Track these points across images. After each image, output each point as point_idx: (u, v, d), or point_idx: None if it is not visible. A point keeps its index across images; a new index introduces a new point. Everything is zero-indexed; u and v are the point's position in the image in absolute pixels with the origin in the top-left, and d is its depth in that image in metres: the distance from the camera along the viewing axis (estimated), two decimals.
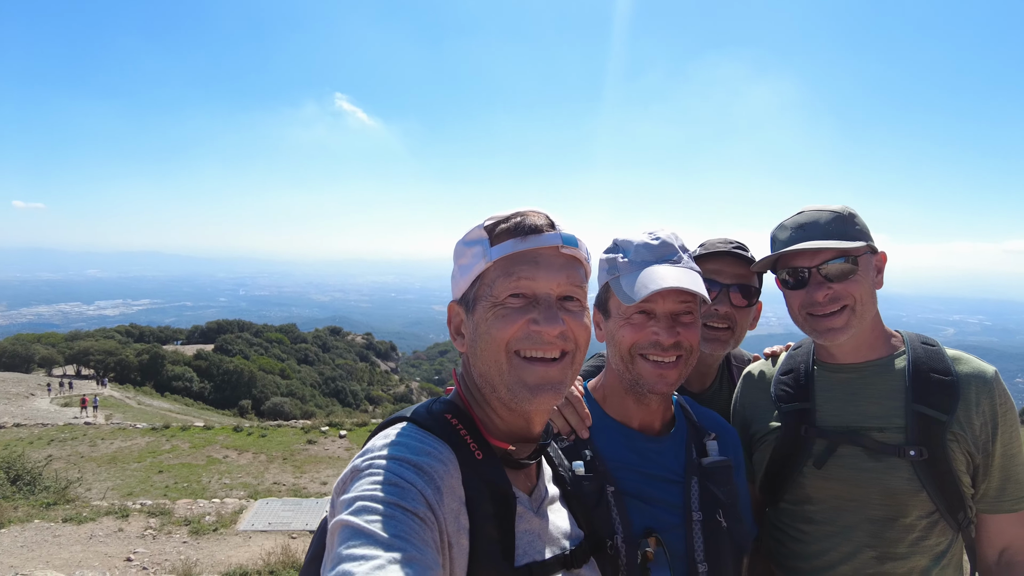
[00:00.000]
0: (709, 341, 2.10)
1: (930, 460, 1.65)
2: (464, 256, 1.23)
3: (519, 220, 1.19)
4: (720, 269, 2.09)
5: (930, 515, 1.68)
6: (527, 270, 1.15)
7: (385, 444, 1.09)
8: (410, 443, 1.10)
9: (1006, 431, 1.69)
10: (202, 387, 63.09)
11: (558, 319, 1.14)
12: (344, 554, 0.89)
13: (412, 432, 1.14)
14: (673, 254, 1.56)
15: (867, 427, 1.73)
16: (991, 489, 1.71)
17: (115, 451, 18.22)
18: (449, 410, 1.21)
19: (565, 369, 1.18)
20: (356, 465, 1.06)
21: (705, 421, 1.72)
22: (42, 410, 33.11)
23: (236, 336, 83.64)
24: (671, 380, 1.54)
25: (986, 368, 1.73)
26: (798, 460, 1.79)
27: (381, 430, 1.18)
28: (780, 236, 1.81)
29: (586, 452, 1.55)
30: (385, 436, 1.13)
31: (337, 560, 0.89)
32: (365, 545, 0.90)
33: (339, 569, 0.87)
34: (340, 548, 0.91)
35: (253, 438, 19.49)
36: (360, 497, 0.97)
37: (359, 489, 0.99)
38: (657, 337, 1.51)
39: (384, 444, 1.09)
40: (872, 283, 1.75)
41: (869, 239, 1.76)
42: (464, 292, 1.23)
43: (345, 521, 0.94)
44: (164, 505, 10.44)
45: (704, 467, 1.58)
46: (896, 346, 1.83)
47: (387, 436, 1.13)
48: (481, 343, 1.17)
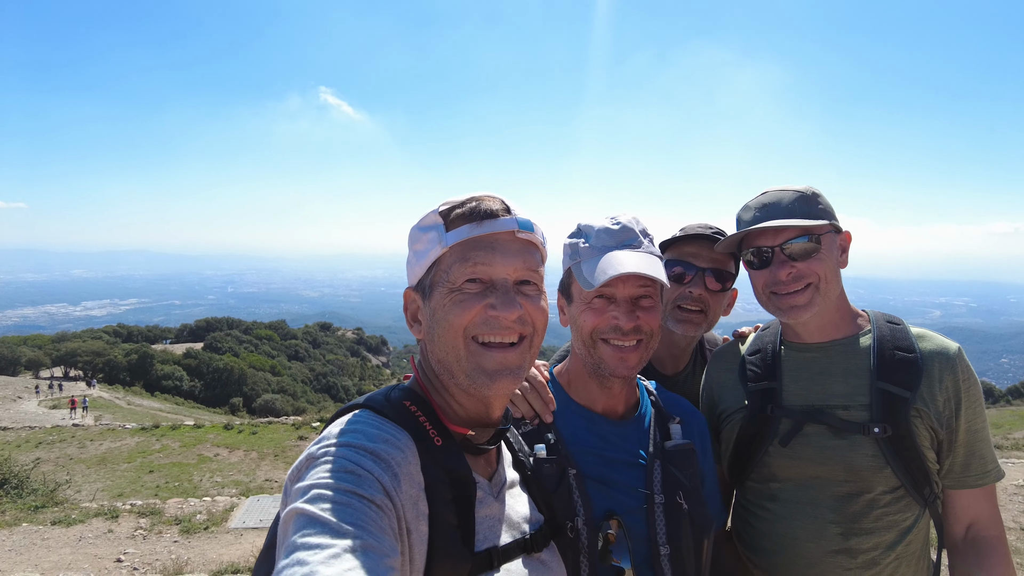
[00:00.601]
0: (682, 323, 2.11)
1: (894, 437, 1.68)
2: (419, 242, 1.22)
3: (474, 205, 1.18)
4: (697, 252, 2.10)
5: (895, 491, 1.70)
6: (483, 255, 1.15)
7: (342, 431, 1.07)
8: (367, 430, 1.08)
9: (969, 407, 1.71)
10: (192, 386, 62.80)
11: (515, 303, 1.15)
12: (299, 543, 0.87)
13: (369, 419, 1.12)
14: (633, 239, 1.57)
15: (832, 405, 1.76)
16: (956, 464, 1.73)
17: (104, 452, 18.09)
18: (407, 397, 1.20)
19: (523, 354, 1.18)
20: (311, 453, 1.03)
21: (671, 406, 1.74)
22: (30, 413, 32.79)
23: (225, 334, 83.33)
24: (631, 364, 1.55)
25: (949, 345, 1.75)
26: (764, 439, 1.81)
27: (338, 417, 1.16)
28: (744, 216, 1.83)
29: (548, 436, 1.56)
30: (341, 424, 1.11)
31: (291, 549, 0.87)
32: (320, 534, 0.88)
33: (293, 558, 0.85)
34: (295, 537, 0.88)
35: (244, 435, 19.42)
36: (315, 485, 0.95)
37: (314, 477, 0.97)
38: (617, 321, 1.53)
39: (340, 431, 1.07)
40: (836, 262, 1.76)
41: (833, 218, 1.77)
42: (420, 278, 1.22)
43: (300, 509, 0.91)
44: (154, 505, 10.36)
45: (667, 450, 1.60)
46: (862, 325, 1.85)
47: (343, 424, 1.11)
48: (439, 329, 1.17)
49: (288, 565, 0.84)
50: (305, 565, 0.83)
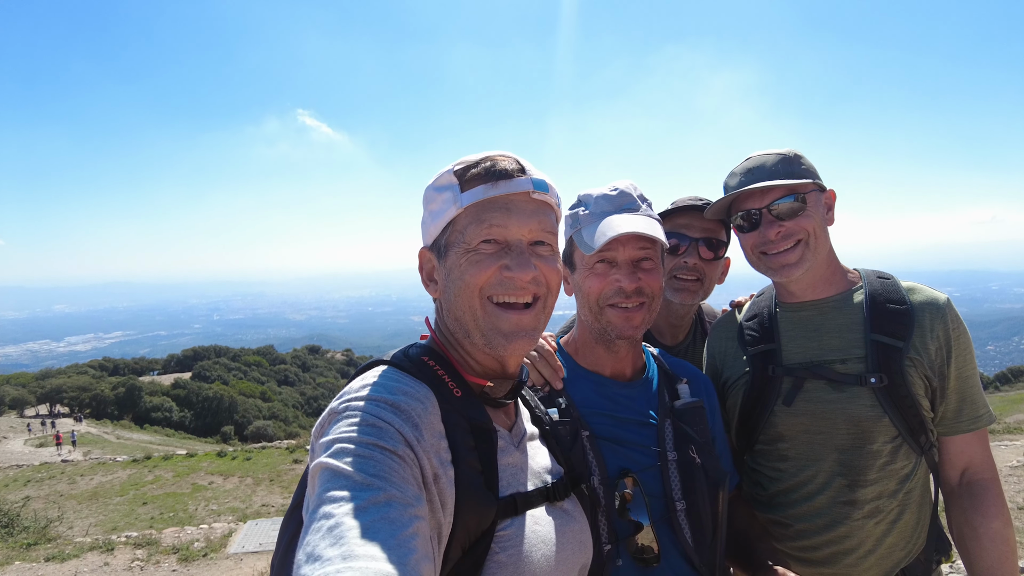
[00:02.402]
0: (679, 291, 2.20)
1: (890, 386, 1.74)
2: (434, 202, 1.22)
3: (489, 165, 1.18)
4: (689, 223, 2.19)
5: (894, 439, 1.76)
6: (499, 217, 1.16)
7: (363, 386, 1.09)
8: (387, 383, 1.10)
9: (960, 354, 1.77)
10: (182, 416, 61.90)
11: (530, 264, 1.16)
12: (325, 497, 0.89)
13: (390, 373, 1.15)
14: (631, 203, 1.62)
15: (829, 360, 1.81)
16: (948, 411, 1.79)
17: (96, 486, 17.74)
18: (425, 353, 1.22)
19: (538, 315, 1.20)
20: (334, 407, 1.05)
21: (677, 369, 1.78)
22: (16, 452, 32.17)
23: (213, 362, 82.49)
24: (636, 323, 1.60)
25: (938, 296, 1.81)
26: (768, 400, 1.87)
27: (359, 374, 1.17)
28: (730, 182, 1.88)
29: (560, 401, 1.59)
30: (362, 379, 1.13)
31: (318, 503, 0.89)
32: (345, 487, 0.90)
33: (321, 511, 0.87)
34: (320, 491, 0.91)
35: (238, 462, 19.14)
36: (338, 439, 0.97)
37: (337, 431, 0.99)
38: (620, 283, 1.57)
39: (361, 386, 1.09)
40: (823, 219, 1.82)
41: (816, 177, 1.82)
42: (435, 238, 1.23)
43: (324, 464, 0.94)
44: (150, 536, 10.14)
45: (676, 409, 1.64)
46: (853, 281, 1.90)
47: (364, 379, 1.13)
48: (455, 289, 1.18)
49: (315, 519, 0.87)
50: (331, 518, 0.85)
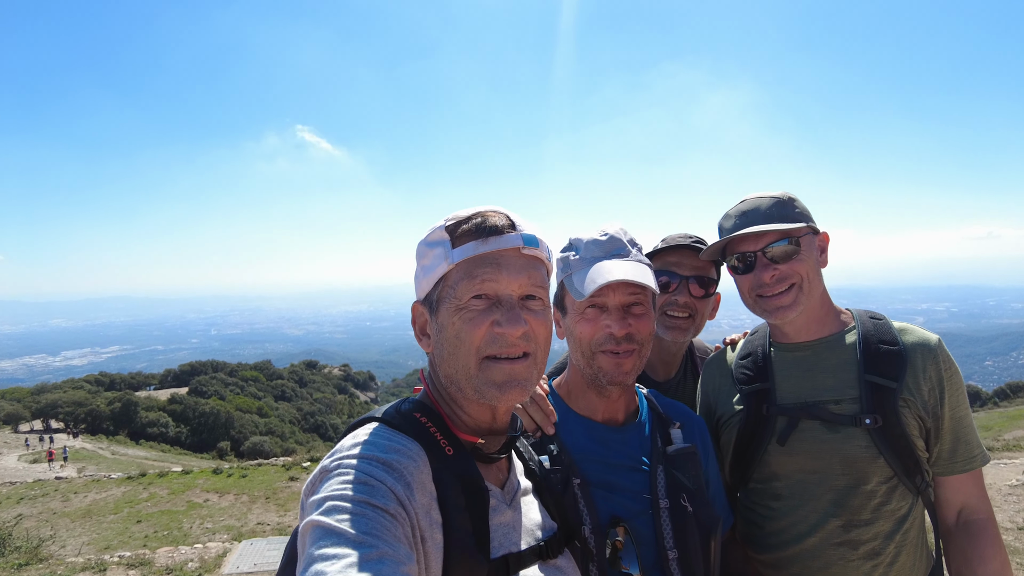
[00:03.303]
0: (670, 329, 2.21)
1: (884, 427, 1.75)
2: (426, 257, 1.23)
3: (480, 221, 1.19)
4: (679, 261, 2.20)
5: (889, 480, 1.76)
6: (489, 272, 1.17)
7: (354, 444, 1.09)
8: (379, 441, 1.10)
9: (952, 394, 1.79)
10: (178, 432, 61.44)
11: (520, 320, 1.16)
12: (316, 554, 0.89)
13: (381, 431, 1.14)
14: (621, 249, 1.63)
15: (824, 400, 1.82)
16: (943, 451, 1.80)
17: (90, 504, 17.56)
18: (417, 409, 1.22)
19: (530, 367, 1.20)
20: (325, 465, 1.05)
21: (670, 411, 1.77)
22: (9, 468, 31.88)
23: (210, 377, 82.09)
24: (627, 369, 1.59)
25: (930, 336, 1.83)
26: (762, 438, 1.87)
27: (351, 431, 1.17)
28: (725, 224, 1.90)
29: (551, 447, 1.59)
30: (354, 436, 1.13)
31: (309, 561, 0.88)
32: (336, 544, 0.89)
33: (312, 570, 0.87)
34: (312, 549, 0.90)
35: (234, 479, 18.97)
36: (330, 497, 0.97)
37: (328, 489, 0.99)
38: (610, 330, 1.57)
39: (353, 444, 1.09)
40: (816, 262, 1.84)
41: (810, 220, 1.85)
42: (427, 293, 1.23)
43: (316, 521, 0.93)
44: (144, 555, 10.03)
45: (669, 454, 1.63)
46: (846, 322, 1.93)
47: (356, 436, 1.13)
48: (449, 347, 1.19)
49: None
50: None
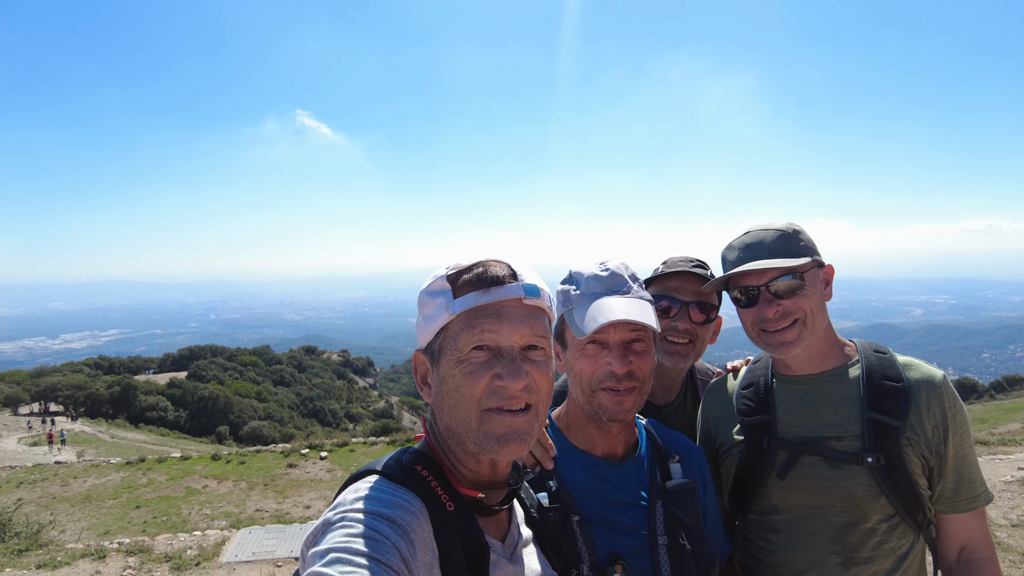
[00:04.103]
0: (670, 355, 2.17)
1: (887, 465, 1.71)
2: (427, 306, 1.22)
3: (481, 271, 1.18)
4: (680, 287, 2.17)
5: (890, 518, 1.74)
6: (490, 323, 1.15)
7: (356, 498, 1.08)
8: (381, 496, 1.09)
9: (957, 433, 1.75)
10: (177, 416, 61.70)
11: (522, 372, 1.15)
12: None
13: (382, 485, 1.13)
14: (622, 285, 1.62)
15: (825, 436, 1.79)
16: (946, 490, 1.77)
17: (89, 489, 17.67)
18: (418, 461, 1.21)
19: (531, 420, 1.18)
20: (328, 518, 1.03)
21: (670, 443, 1.76)
22: (9, 451, 32.04)
23: (209, 362, 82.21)
24: (628, 407, 1.58)
25: (935, 373, 1.79)
26: (762, 471, 1.85)
27: (351, 483, 1.17)
28: (729, 257, 1.87)
29: (550, 483, 1.58)
30: (355, 490, 1.12)
31: None
32: None
33: None
34: None
35: (232, 465, 19.07)
36: (333, 549, 0.95)
37: (331, 541, 0.97)
38: (611, 367, 1.56)
39: (355, 498, 1.08)
40: (821, 296, 1.81)
41: (814, 254, 1.81)
42: (429, 342, 1.23)
43: (319, 573, 0.92)
44: (143, 542, 10.11)
45: (668, 490, 1.62)
46: (850, 355, 1.88)
47: (357, 490, 1.12)
48: (449, 400, 1.18)
49: None
50: None
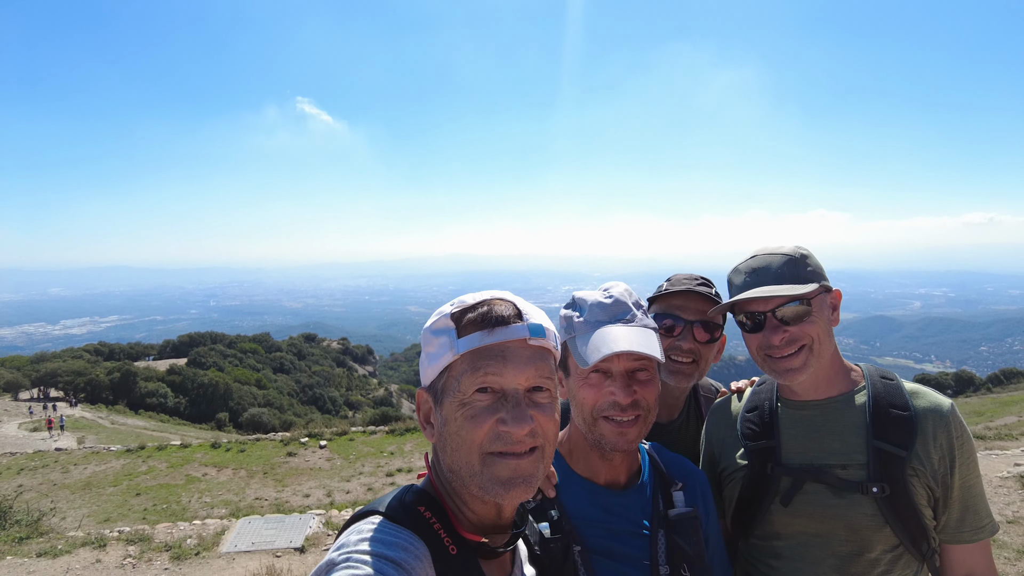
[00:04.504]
0: (674, 374, 2.14)
1: (892, 495, 1.69)
2: (431, 344, 1.20)
3: (485, 311, 1.16)
4: (684, 305, 2.15)
5: (894, 548, 1.72)
6: (494, 365, 1.13)
7: (360, 539, 1.07)
8: (384, 537, 1.08)
9: (963, 463, 1.73)
10: (177, 402, 61.91)
11: (526, 417, 1.12)
12: None
13: (385, 526, 1.12)
14: (626, 312, 1.60)
15: (830, 464, 1.77)
16: (951, 520, 1.74)
17: (89, 476, 17.76)
18: (422, 501, 1.19)
19: (536, 462, 1.16)
20: (332, 559, 1.03)
21: (672, 469, 1.74)
22: (10, 436, 32.15)
23: (209, 348, 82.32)
24: (631, 438, 1.56)
25: (943, 402, 1.76)
26: (765, 497, 1.83)
27: (353, 523, 1.15)
28: (735, 281, 1.84)
29: (552, 513, 1.56)
30: (359, 531, 1.10)
31: None
32: None
33: None
34: None
35: (232, 454, 19.16)
36: None
37: None
38: (614, 397, 1.54)
39: (359, 539, 1.07)
40: (828, 321, 1.78)
41: (822, 279, 1.78)
42: (432, 381, 1.21)
43: None
44: (143, 531, 10.17)
45: (670, 519, 1.60)
46: (856, 381, 1.86)
47: (360, 531, 1.10)
48: (452, 442, 1.16)
49: None
50: None
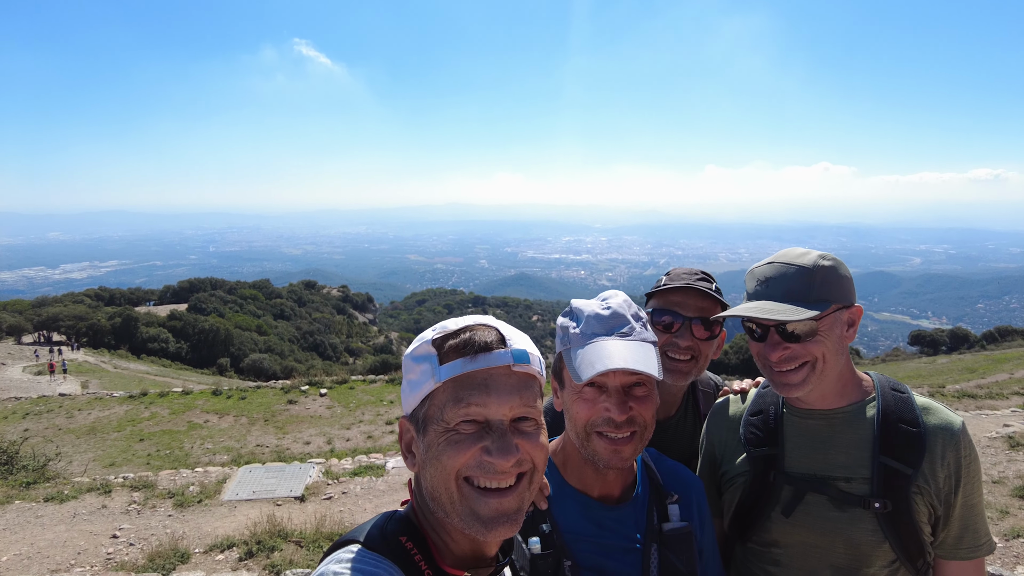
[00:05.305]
0: (671, 372, 2.09)
1: (894, 512, 1.66)
2: (413, 372, 1.16)
3: (468, 337, 1.11)
4: (683, 302, 2.10)
5: (891, 564, 1.71)
6: (478, 396, 1.09)
7: (341, 569, 1.05)
8: (364, 568, 1.06)
9: (968, 483, 1.70)
10: (178, 347, 62.58)
11: (512, 448, 1.09)
12: None
13: (365, 556, 1.10)
14: (623, 325, 1.54)
15: (834, 476, 1.74)
16: (949, 538, 1.73)
17: (93, 422, 18.08)
18: (403, 531, 1.17)
19: (522, 494, 1.13)
20: None
21: (669, 480, 1.70)
22: (15, 380, 32.59)
23: (209, 294, 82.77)
24: (626, 455, 1.52)
25: (953, 420, 1.72)
26: (766, 505, 1.80)
27: (333, 551, 1.13)
28: (748, 286, 1.77)
29: (543, 526, 1.53)
30: (338, 560, 1.08)
31: None
32: None
33: None
34: None
35: (233, 401, 19.45)
36: None
37: None
38: (609, 413, 1.48)
39: (340, 570, 1.05)
40: (839, 339, 1.70)
41: (839, 297, 1.68)
42: (414, 409, 1.17)
43: None
44: (147, 478, 10.42)
45: (664, 534, 1.57)
46: (867, 391, 1.80)
47: (340, 560, 1.08)
48: (432, 468, 1.12)
49: None
50: None
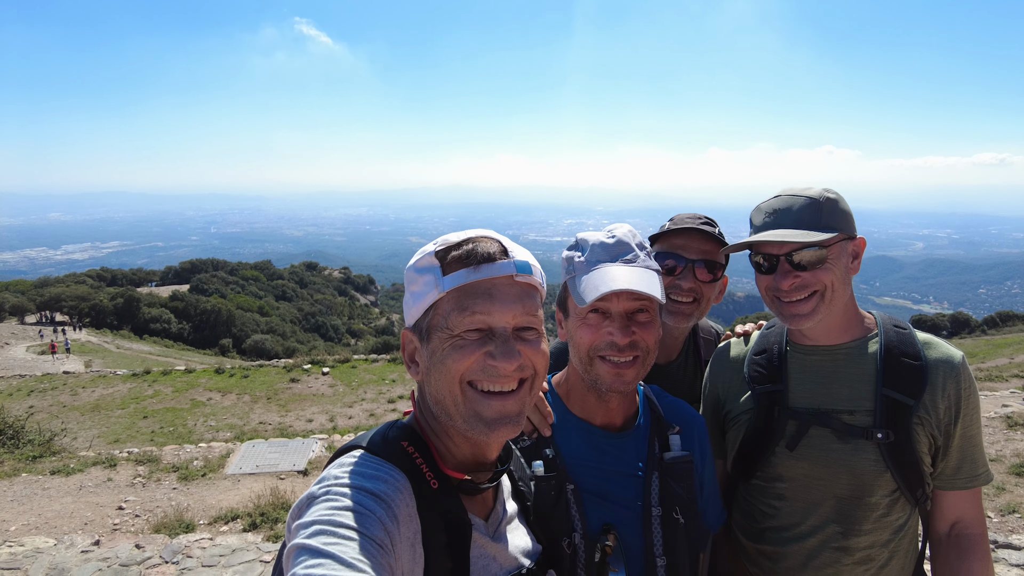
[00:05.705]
0: (674, 314, 2.12)
1: (895, 443, 1.71)
2: (416, 283, 1.19)
3: (471, 248, 1.14)
4: (686, 244, 2.11)
5: (892, 493, 1.76)
6: (482, 304, 1.12)
7: (342, 472, 1.08)
8: (366, 471, 1.09)
9: (967, 414, 1.75)
10: (181, 328, 62.90)
11: (515, 353, 1.12)
12: (302, 574, 0.86)
13: (368, 460, 1.13)
14: (628, 252, 1.54)
15: (837, 410, 1.78)
16: (948, 468, 1.78)
17: (98, 399, 18.22)
18: (405, 436, 1.20)
19: (523, 398, 1.17)
20: (312, 492, 1.03)
21: (670, 413, 1.71)
22: (19, 359, 32.81)
23: (211, 275, 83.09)
24: (628, 379, 1.53)
25: (954, 353, 1.77)
26: (770, 441, 1.84)
27: (336, 458, 1.16)
28: (755, 220, 1.80)
29: (547, 451, 1.56)
30: (340, 465, 1.11)
31: None
32: (323, 566, 0.87)
33: None
34: (297, 568, 0.87)
35: (236, 379, 19.58)
36: (317, 521, 0.95)
37: (315, 514, 0.97)
38: (612, 337, 1.50)
39: (341, 472, 1.08)
40: (845, 269, 1.74)
41: (845, 227, 1.73)
42: (417, 320, 1.20)
43: (302, 544, 0.91)
44: (151, 452, 10.54)
45: (665, 462, 1.59)
46: (869, 328, 1.85)
47: (342, 464, 1.11)
48: (435, 373, 1.15)
49: None
50: None
